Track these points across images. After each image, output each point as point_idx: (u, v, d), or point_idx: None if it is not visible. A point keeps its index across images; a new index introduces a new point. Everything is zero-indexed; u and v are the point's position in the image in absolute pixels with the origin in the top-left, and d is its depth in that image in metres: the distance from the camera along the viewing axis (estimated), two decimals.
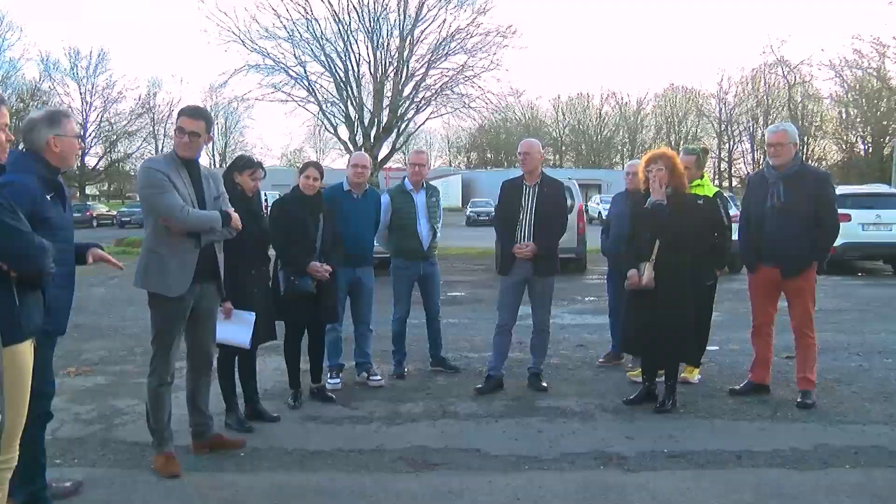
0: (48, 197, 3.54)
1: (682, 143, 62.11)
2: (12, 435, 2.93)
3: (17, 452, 3.05)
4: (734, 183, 62.34)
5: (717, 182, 55.95)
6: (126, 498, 4.11)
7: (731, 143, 66.64)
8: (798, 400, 5.68)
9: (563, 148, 78.18)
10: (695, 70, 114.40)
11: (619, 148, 76.85)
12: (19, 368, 2.86)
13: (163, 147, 50.12)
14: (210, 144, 4.84)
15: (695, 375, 6.39)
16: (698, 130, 68.47)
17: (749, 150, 64.59)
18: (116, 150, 53.20)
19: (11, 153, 3.33)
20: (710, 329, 6.49)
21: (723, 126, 66.45)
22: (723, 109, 66.20)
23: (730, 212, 6.35)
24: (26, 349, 3.00)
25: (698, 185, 6.25)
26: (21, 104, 41.58)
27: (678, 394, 5.75)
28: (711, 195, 6.21)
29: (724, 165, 66.42)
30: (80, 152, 3.82)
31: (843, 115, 52.63)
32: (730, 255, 6.45)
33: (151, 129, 52.94)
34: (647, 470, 4.47)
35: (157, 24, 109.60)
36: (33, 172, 3.52)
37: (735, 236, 6.31)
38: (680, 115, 70.80)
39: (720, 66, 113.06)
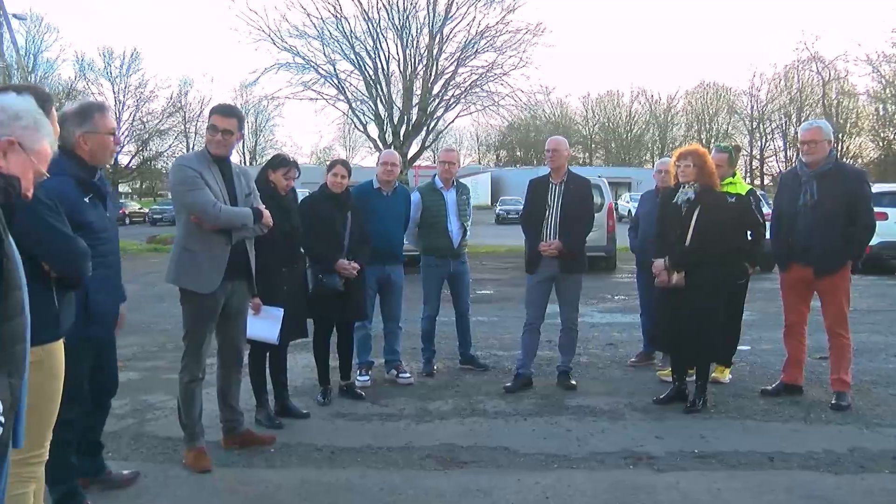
0: (86, 200, 3.51)
1: (713, 140, 61.41)
2: (44, 429, 2.97)
3: (48, 448, 3.09)
4: (766, 181, 61.56)
5: (748, 180, 55.26)
6: (157, 492, 4.16)
7: (763, 140, 65.79)
8: (832, 402, 5.59)
9: (593, 146, 77.73)
10: (726, 67, 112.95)
11: (650, 146, 76.16)
12: (54, 366, 2.90)
13: (194, 145, 50.53)
14: (241, 142, 4.87)
15: (726, 375, 6.32)
16: (729, 128, 67.64)
17: (781, 148, 63.73)
18: (148, 148, 53.85)
19: None
20: (742, 328, 6.42)
21: (754, 123, 65.58)
22: (754, 107, 65.36)
23: (763, 210, 6.27)
24: (60, 347, 3.04)
25: (730, 183, 6.18)
26: (57, 103, 42.17)
27: (709, 394, 5.69)
28: (744, 193, 6.14)
29: (755, 163, 65.61)
30: (116, 149, 3.70)
31: (881, 112, 51.62)
32: (762, 253, 6.37)
33: (183, 127, 53.47)
34: (677, 470, 4.44)
35: (188, 24, 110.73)
36: (68, 174, 3.44)
37: (767, 235, 6.23)
38: (711, 112, 70.01)
39: (752, 63, 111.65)
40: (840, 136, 49.18)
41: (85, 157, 3.58)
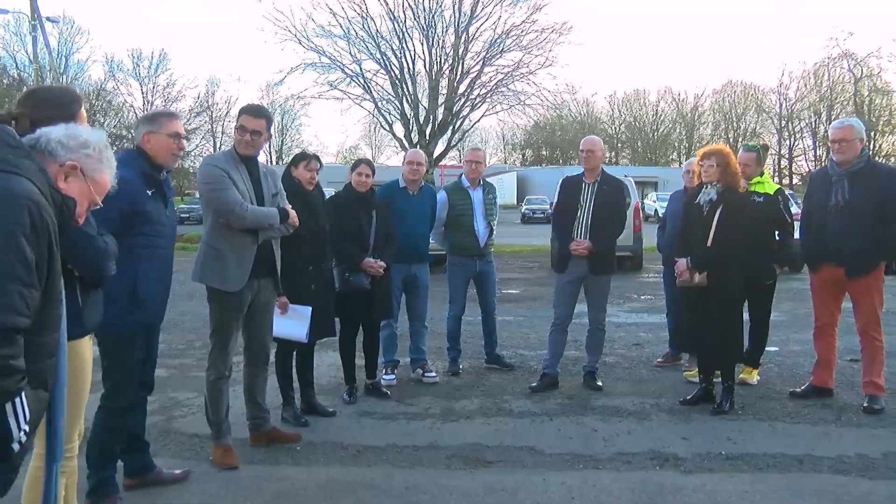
0: (149, 193, 3.70)
1: (740, 139, 60.86)
2: (72, 426, 3.02)
3: (77, 443, 3.14)
4: (795, 181, 60.83)
5: (776, 179, 54.64)
6: (184, 488, 4.20)
7: (792, 139, 65.07)
8: (864, 405, 5.51)
9: (619, 145, 77.26)
10: (754, 65, 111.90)
11: (676, 145, 75.61)
12: (77, 364, 2.94)
13: (221, 145, 50.98)
14: (268, 142, 4.91)
15: (753, 377, 6.26)
16: (758, 127, 66.94)
17: (811, 147, 62.98)
18: None
19: (122, 151, 3.53)
20: (770, 329, 6.35)
21: (783, 122, 64.87)
22: (783, 105, 64.64)
23: (791, 210, 6.20)
24: (86, 344, 3.10)
25: (758, 182, 6.12)
26: (87, 104, 42.71)
27: (736, 395, 5.64)
28: (772, 193, 6.07)
29: (784, 163, 64.88)
30: (177, 153, 3.91)
31: None
32: (791, 254, 6.30)
33: (210, 127, 53.85)
34: (705, 471, 4.40)
35: (215, 25, 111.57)
36: (136, 168, 3.69)
37: (797, 235, 6.16)
38: (739, 111, 69.34)
39: (781, 61, 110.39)
40: (872, 134, 48.47)
41: (151, 154, 3.79)
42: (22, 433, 1.86)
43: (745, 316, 5.99)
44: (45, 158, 2.13)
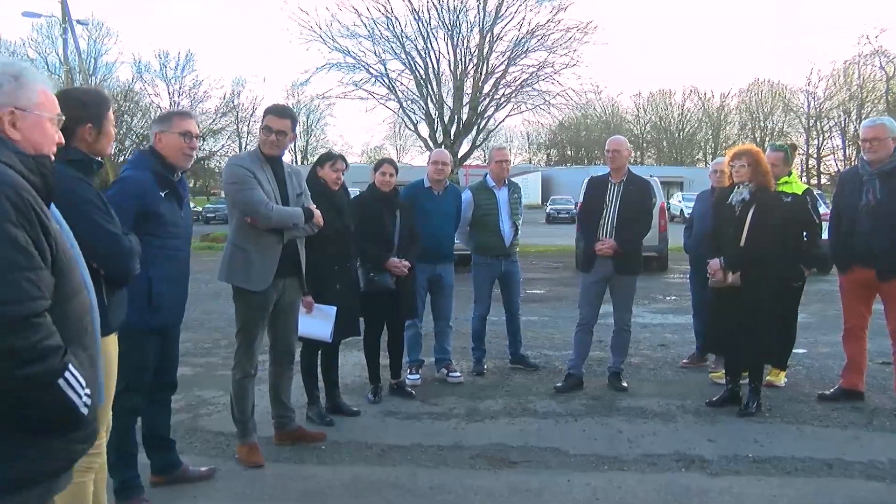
0: (162, 194, 3.69)
1: (767, 139, 60.27)
2: (99, 421, 3.05)
3: (105, 440, 3.17)
4: (823, 180, 60.08)
5: (804, 179, 53.98)
6: (210, 486, 4.24)
7: (821, 138, 64.25)
8: None
9: (645, 145, 76.82)
10: (781, 64, 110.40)
11: (702, 145, 75.04)
12: (106, 360, 2.97)
13: (246, 145, 51.31)
14: (293, 142, 4.93)
15: (781, 379, 6.19)
16: (785, 126, 66.23)
17: (840, 147, 62.12)
18: (202, 147, 54.81)
19: (135, 151, 3.54)
20: (797, 331, 6.28)
21: (811, 121, 64.09)
22: (811, 104, 63.83)
23: (819, 210, 6.13)
24: (111, 343, 3.12)
25: (786, 182, 6.05)
26: (115, 104, 43.30)
27: (763, 397, 5.58)
28: (800, 193, 6.00)
29: (812, 162, 64.10)
30: (189, 152, 3.87)
31: None
32: (819, 255, 6.22)
33: (235, 127, 54.29)
34: (731, 474, 4.36)
35: (241, 26, 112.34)
36: (149, 169, 3.70)
37: (825, 235, 6.09)
38: (766, 110, 68.66)
39: (809, 59, 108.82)
40: None
41: (163, 154, 3.79)
42: (84, 397, 1.89)
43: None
44: None
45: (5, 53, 38.34)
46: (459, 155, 27.03)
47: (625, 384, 6.19)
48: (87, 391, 1.90)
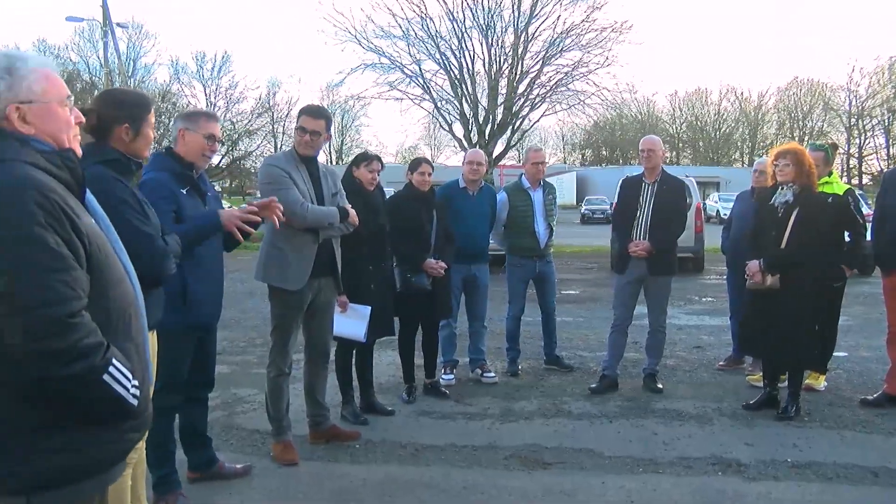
0: (183, 191, 3.72)
1: (806, 138, 59.23)
2: None
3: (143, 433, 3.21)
4: (865, 180, 58.96)
5: (845, 179, 53.01)
6: (246, 483, 4.28)
7: (863, 137, 63.09)
8: None
9: (680, 145, 76.03)
10: (821, 62, 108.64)
11: (739, 144, 74.07)
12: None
13: (282, 145, 51.59)
14: (327, 142, 4.96)
15: (820, 382, 6.09)
16: (825, 125, 65.12)
17: (883, 146, 60.91)
18: (238, 148, 55.30)
19: (151, 154, 3.58)
20: (838, 333, 6.17)
21: (853, 120, 62.96)
22: (853, 102, 62.69)
23: (862, 210, 6.01)
24: (150, 342, 3.16)
25: (827, 182, 5.95)
26: (153, 106, 43.79)
27: (802, 401, 5.50)
28: (841, 193, 5.90)
29: (853, 162, 62.96)
30: (209, 154, 3.91)
31: None
32: (862, 256, 6.11)
33: (271, 127, 54.63)
34: (769, 479, 4.30)
35: (277, 27, 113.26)
36: (166, 169, 3.74)
37: (869, 236, 5.97)
38: (805, 109, 67.55)
39: (850, 57, 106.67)
40: None
41: (182, 153, 3.82)
42: (132, 389, 1.91)
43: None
44: (5, 124, 1.95)
45: (50, 57, 39.05)
46: (494, 155, 26.98)
47: (660, 386, 6.14)
48: (135, 382, 1.92)
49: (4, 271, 1.75)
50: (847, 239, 5.87)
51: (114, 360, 1.87)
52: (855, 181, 58.35)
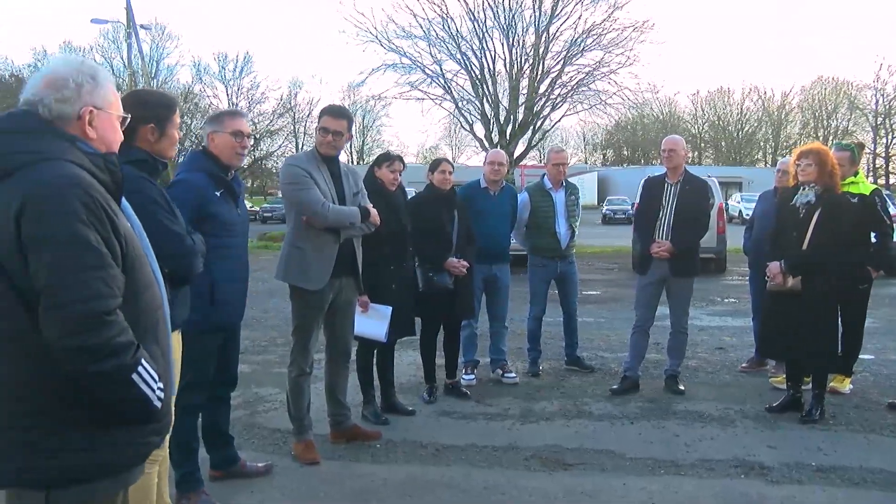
0: (217, 194, 3.75)
1: (831, 138, 58.61)
2: None
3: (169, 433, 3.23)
4: (892, 180, 58.21)
5: (871, 179, 52.35)
6: (267, 481, 4.30)
7: (890, 137, 62.30)
8: None
9: (703, 144, 75.47)
10: (846, 60, 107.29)
11: (762, 144, 73.45)
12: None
13: (303, 145, 51.88)
14: (349, 142, 4.98)
15: (846, 385, 6.01)
16: (850, 125, 64.40)
17: None
18: (259, 148, 55.62)
19: (188, 152, 3.60)
20: (864, 336, 6.09)
21: (879, 119, 62.21)
22: (880, 101, 61.95)
23: (889, 211, 5.93)
24: (174, 340, 3.17)
25: (852, 182, 5.88)
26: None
27: (827, 404, 5.43)
28: (868, 193, 5.83)
29: (879, 162, 62.19)
30: (241, 151, 3.91)
31: None
32: (889, 257, 6.02)
33: (292, 128, 54.90)
34: (793, 483, 4.25)
35: (298, 27, 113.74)
36: (202, 170, 3.77)
37: None
38: (829, 108, 66.83)
39: (877, 54, 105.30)
40: None
41: (216, 154, 3.84)
42: (158, 391, 1.95)
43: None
44: (61, 123, 2.02)
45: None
46: (515, 155, 26.88)
47: (682, 387, 6.10)
48: (160, 385, 1.96)
49: (46, 266, 1.80)
50: (873, 239, 5.80)
51: (143, 361, 1.90)
52: (881, 181, 57.63)
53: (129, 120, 2.28)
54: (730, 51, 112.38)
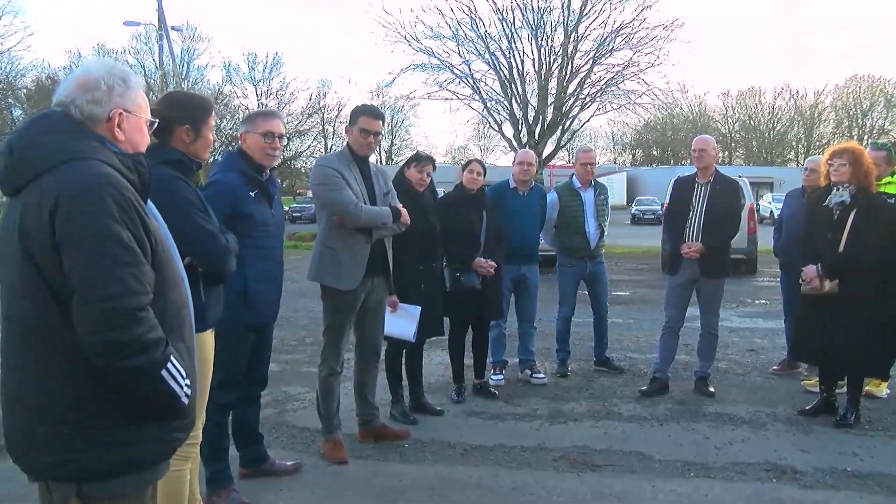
0: (252, 194, 3.78)
1: (866, 137, 57.73)
2: (195, 414, 3.15)
3: (200, 431, 3.27)
4: None
5: None
6: (296, 480, 4.34)
7: None
8: None
9: (733, 144, 74.64)
10: (882, 57, 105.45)
11: (794, 144, 72.42)
12: (203, 355, 3.06)
13: (332, 145, 52.15)
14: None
15: (882, 389, 5.91)
16: (886, 123, 63.32)
17: None
18: (288, 148, 55.94)
19: (223, 153, 3.62)
20: None
21: None
22: None
23: None
24: (208, 339, 3.22)
25: (889, 182, 5.78)
26: None
27: (862, 408, 5.34)
28: None
29: None
30: (272, 152, 3.90)
31: None
32: None
33: (321, 128, 55.16)
34: (827, 488, 4.19)
35: (327, 28, 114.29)
36: (237, 170, 3.80)
37: None
38: (864, 107, 65.78)
39: None
40: None
41: (251, 155, 3.87)
42: (185, 388, 1.98)
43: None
44: (92, 124, 2.06)
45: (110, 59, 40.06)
46: (544, 155, 26.81)
47: (712, 389, 6.04)
48: (188, 381, 2.00)
49: (79, 263, 1.83)
50: None
51: (172, 357, 1.93)
52: None
53: (156, 124, 2.31)
54: (760, 49, 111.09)
